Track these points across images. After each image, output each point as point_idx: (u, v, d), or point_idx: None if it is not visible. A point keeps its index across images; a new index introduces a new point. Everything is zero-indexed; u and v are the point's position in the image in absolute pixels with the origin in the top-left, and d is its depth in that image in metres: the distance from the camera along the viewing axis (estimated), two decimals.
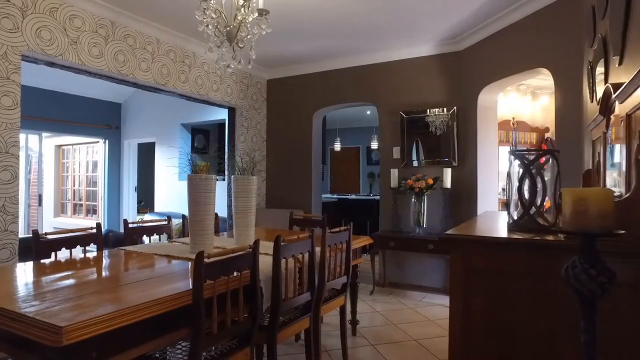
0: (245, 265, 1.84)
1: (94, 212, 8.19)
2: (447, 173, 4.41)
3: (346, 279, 2.82)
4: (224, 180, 5.94)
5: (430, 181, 4.37)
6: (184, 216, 3.85)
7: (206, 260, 1.58)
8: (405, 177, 4.57)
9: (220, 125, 7.27)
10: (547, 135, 5.94)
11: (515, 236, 1.77)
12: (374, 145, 9.04)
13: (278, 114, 5.72)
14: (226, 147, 5.39)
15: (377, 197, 7.82)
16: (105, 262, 2.32)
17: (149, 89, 4.25)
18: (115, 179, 7.67)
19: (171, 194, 6.99)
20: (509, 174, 1.90)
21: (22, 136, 7.64)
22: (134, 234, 2.88)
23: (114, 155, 7.62)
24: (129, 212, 7.67)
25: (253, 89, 5.50)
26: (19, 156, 3.12)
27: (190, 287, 1.62)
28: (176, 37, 4.28)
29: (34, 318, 1.28)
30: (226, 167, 5.17)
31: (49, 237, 2.32)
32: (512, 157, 1.96)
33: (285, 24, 3.92)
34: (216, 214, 3.83)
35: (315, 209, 5.44)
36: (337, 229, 2.68)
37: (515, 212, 1.93)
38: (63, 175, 9.04)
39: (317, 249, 2.44)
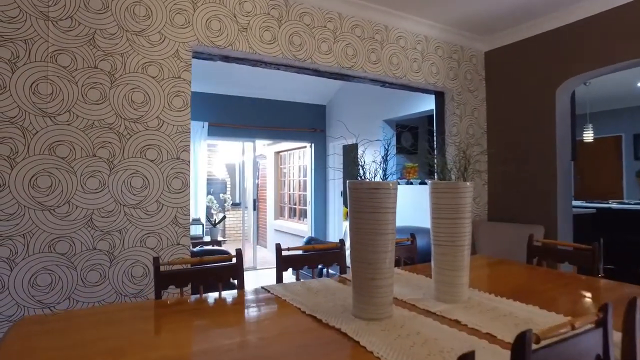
0: None
1: (306, 215, 8.26)
2: None
3: None
4: None
5: None
6: None
7: None
8: None
9: (429, 117, 6.17)
10: None
11: None
12: None
13: (503, 96, 4.25)
14: (434, 142, 4.27)
15: None
16: (242, 317, 1.58)
17: (332, 76, 3.52)
18: (322, 183, 7.48)
19: None
20: None
21: (238, 144, 8.32)
22: (288, 264, 2.09)
23: (319, 158, 7.45)
24: (335, 217, 7.36)
25: (466, 65, 4.22)
26: (189, 162, 2.79)
27: None
28: (363, 9, 3.43)
29: None
30: (435, 168, 4.07)
31: (173, 267, 1.73)
32: None
33: None
34: (413, 235, 2.78)
35: (562, 224, 3.74)
36: None
37: None
38: (281, 180, 9.57)
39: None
